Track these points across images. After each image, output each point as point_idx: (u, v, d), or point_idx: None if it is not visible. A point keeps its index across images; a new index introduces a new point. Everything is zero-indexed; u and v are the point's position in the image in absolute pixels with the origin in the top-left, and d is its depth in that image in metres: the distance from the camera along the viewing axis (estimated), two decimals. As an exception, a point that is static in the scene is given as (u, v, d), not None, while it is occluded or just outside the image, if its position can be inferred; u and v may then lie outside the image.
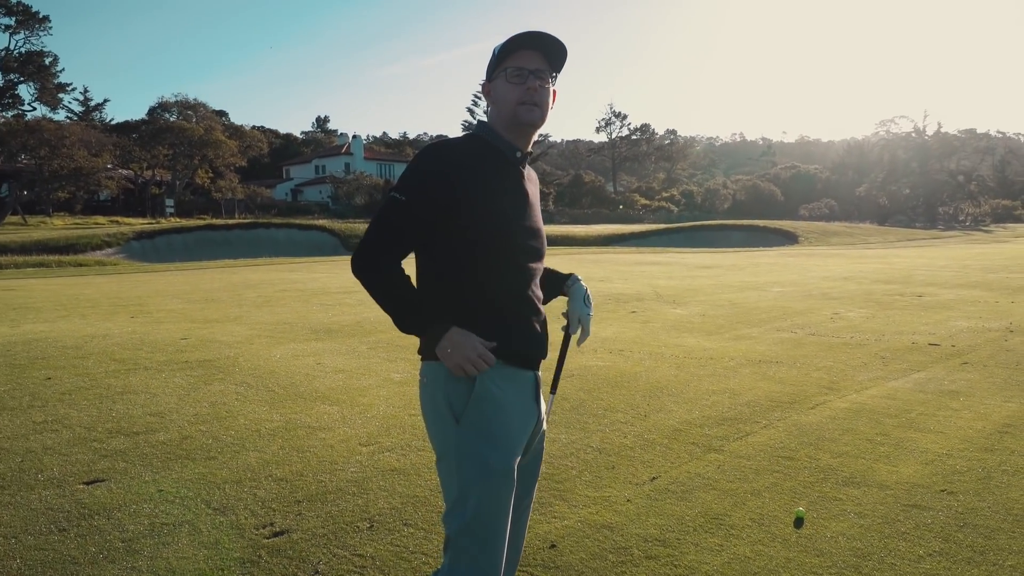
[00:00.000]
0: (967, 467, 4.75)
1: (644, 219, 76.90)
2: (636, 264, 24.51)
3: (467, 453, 2.27)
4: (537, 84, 2.35)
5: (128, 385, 6.92)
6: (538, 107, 2.37)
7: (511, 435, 2.33)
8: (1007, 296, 14.19)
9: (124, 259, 32.59)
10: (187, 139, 63.26)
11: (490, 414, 2.29)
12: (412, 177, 2.30)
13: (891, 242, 44.98)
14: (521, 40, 2.35)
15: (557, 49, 2.38)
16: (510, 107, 2.36)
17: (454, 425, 2.29)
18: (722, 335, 9.81)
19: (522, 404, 2.41)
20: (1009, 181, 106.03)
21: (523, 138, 2.43)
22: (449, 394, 2.30)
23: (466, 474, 2.27)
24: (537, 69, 2.36)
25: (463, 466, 2.28)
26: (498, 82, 2.39)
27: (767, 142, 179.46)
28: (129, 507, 4.14)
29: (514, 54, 2.36)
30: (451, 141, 2.37)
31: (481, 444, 2.27)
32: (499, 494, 2.29)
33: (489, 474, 2.27)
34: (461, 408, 2.29)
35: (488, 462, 2.27)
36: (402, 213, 2.27)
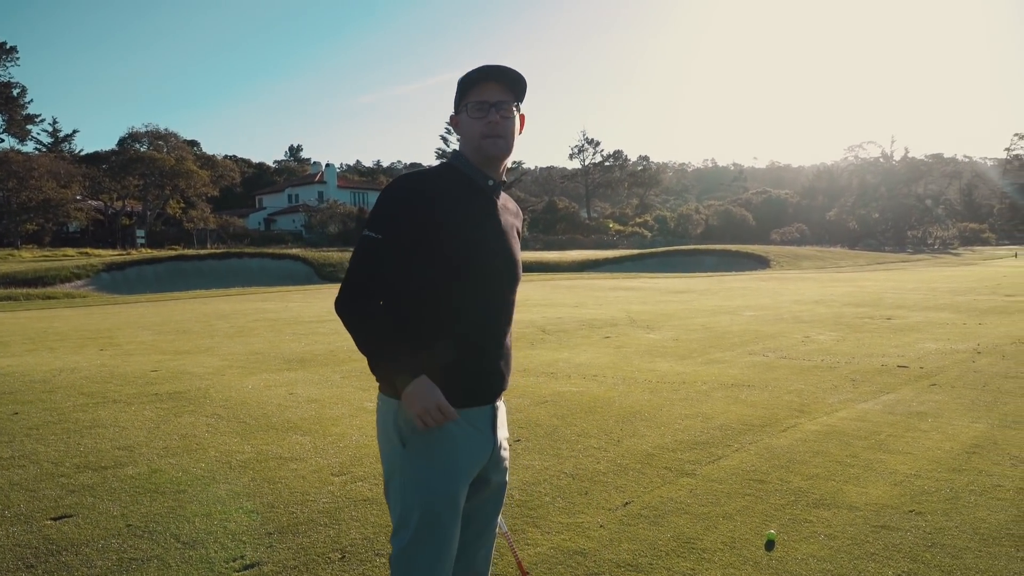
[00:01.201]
0: (935, 488, 4.80)
1: (618, 245, 77.28)
2: (610, 289, 24.60)
3: (411, 477, 2.34)
4: (498, 117, 2.39)
5: (97, 419, 6.84)
6: (502, 138, 2.41)
7: (456, 462, 2.37)
8: (975, 318, 14.40)
9: (94, 291, 32.21)
10: (158, 169, 62.99)
11: (435, 441, 2.34)
12: (384, 211, 2.33)
13: (861, 265, 45.50)
14: (480, 74, 2.40)
15: (516, 79, 2.43)
16: (475, 140, 2.41)
17: (401, 449, 2.36)
18: (695, 359, 9.87)
19: (472, 433, 2.43)
20: (976, 204, 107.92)
21: (492, 168, 2.48)
22: (399, 420, 2.36)
23: (409, 498, 2.35)
24: (499, 101, 2.40)
25: (406, 490, 2.35)
26: (463, 116, 2.43)
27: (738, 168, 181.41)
28: (97, 542, 4.08)
29: (475, 87, 2.41)
30: (424, 171, 2.42)
31: (425, 469, 2.34)
32: (440, 520, 2.34)
33: (431, 499, 2.33)
34: (408, 433, 2.34)
35: (430, 487, 2.33)
36: (379, 251, 2.31)
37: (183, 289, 29.88)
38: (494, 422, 2.50)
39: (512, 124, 2.44)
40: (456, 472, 2.37)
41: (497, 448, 2.52)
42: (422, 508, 2.33)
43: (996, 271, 35.16)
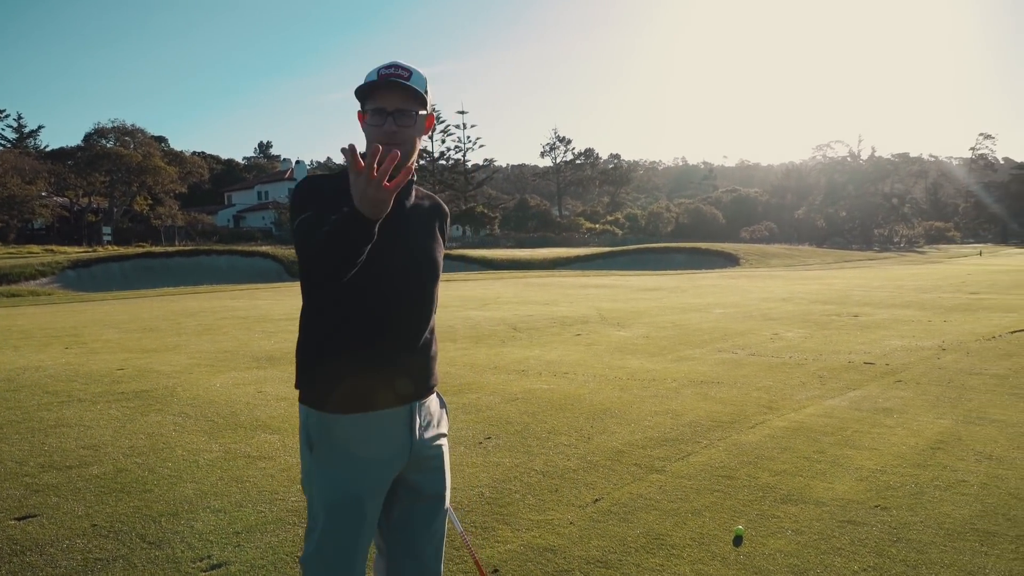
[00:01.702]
0: (900, 483, 4.86)
1: (589, 242, 77.48)
2: (581, 287, 24.67)
3: (316, 481, 2.36)
4: (395, 126, 2.32)
5: (61, 418, 6.75)
6: (398, 147, 2.26)
7: (359, 466, 2.36)
8: (939, 316, 14.60)
9: (59, 289, 31.79)
10: (125, 166, 62.20)
11: (339, 445, 2.34)
12: (302, 198, 2.31)
13: (828, 263, 45.99)
14: (381, 81, 2.33)
15: (415, 88, 2.35)
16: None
17: (309, 453, 2.37)
18: (665, 357, 9.92)
19: (380, 436, 2.39)
20: (941, 203, 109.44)
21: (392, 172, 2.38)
22: (309, 427, 2.37)
23: (315, 501, 2.37)
24: (397, 110, 2.33)
25: (313, 493, 2.37)
26: (365, 119, 2.38)
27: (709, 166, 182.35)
28: (62, 543, 4.03)
29: (374, 94, 2.34)
30: (326, 175, 2.40)
31: (329, 473, 2.35)
32: (345, 524, 2.34)
33: (333, 503, 2.33)
34: (316, 438, 2.35)
35: (334, 490, 2.34)
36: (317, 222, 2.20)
37: (150, 287, 29.57)
38: (411, 423, 2.44)
39: (410, 131, 2.36)
40: (359, 475, 2.35)
41: (416, 448, 2.46)
42: (327, 515, 2.33)
43: (961, 269, 35.68)
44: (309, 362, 2.38)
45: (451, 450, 5.62)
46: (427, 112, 2.42)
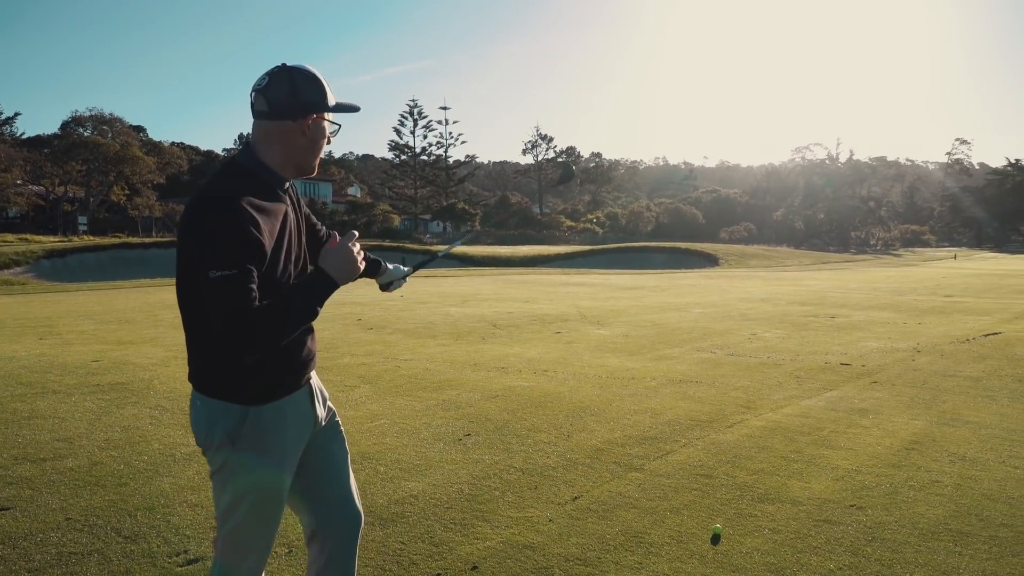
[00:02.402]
0: (876, 483, 4.90)
1: (569, 240, 77.62)
2: (561, 285, 24.70)
3: (241, 472, 2.41)
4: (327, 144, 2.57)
5: (35, 410, 6.68)
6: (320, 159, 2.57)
7: (285, 452, 2.48)
8: (915, 318, 14.74)
9: (33, 278, 31.42)
10: (102, 155, 61.54)
11: (263, 433, 2.42)
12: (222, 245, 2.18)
13: (806, 265, 46.30)
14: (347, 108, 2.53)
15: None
16: (304, 155, 2.47)
17: (230, 447, 2.39)
18: (644, 355, 9.95)
19: (299, 417, 2.54)
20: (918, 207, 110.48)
21: (294, 175, 2.53)
22: (225, 422, 2.39)
23: (238, 489, 2.42)
24: (335, 131, 2.58)
25: (237, 483, 2.42)
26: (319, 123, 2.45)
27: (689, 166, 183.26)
28: (36, 536, 3.99)
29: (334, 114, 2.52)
30: (230, 190, 2.28)
31: (255, 463, 2.41)
32: (265, 510, 2.46)
33: (258, 492, 2.44)
34: (236, 432, 2.39)
35: (259, 481, 2.43)
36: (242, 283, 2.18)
37: (127, 278, 29.29)
38: (312, 398, 2.62)
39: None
40: (286, 464, 2.48)
41: (319, 420, 2.65)
42: (249, 502, 2.42)
43: (936, 272, 36.04)
44: (224, 362, 2.37)
45: (431, 446, 5.65)
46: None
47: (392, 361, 9.27)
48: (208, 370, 2.41)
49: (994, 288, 23.65)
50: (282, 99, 2.38)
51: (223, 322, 2.17)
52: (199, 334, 2.40)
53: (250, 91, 2.43)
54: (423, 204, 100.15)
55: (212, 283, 2.16)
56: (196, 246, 2.21)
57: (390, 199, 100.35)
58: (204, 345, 2.40)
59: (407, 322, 13.48)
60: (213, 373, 2.40)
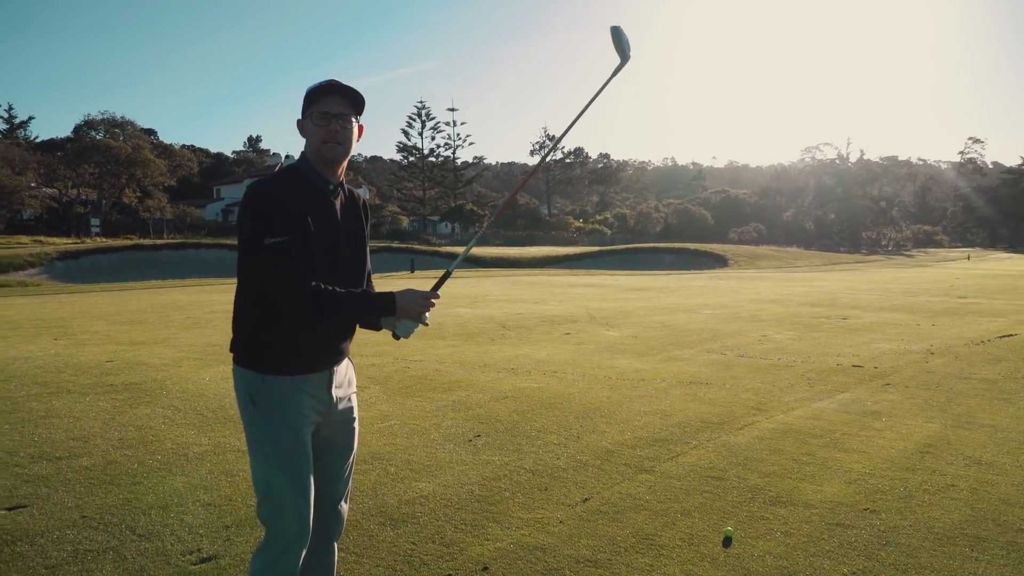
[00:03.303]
0: (889, 486, 4.88)
1: (578, 242, 77.49)
2: (570, 286, 24.68)
3: (264, 431, 2.71)
4: (338, 126, 2.71)
5: (51, 409, 6.72)
6: (340, 145, 2.73)
7: (300, 418, 2.73)
8: (928, 319, 14.67)
9: (47, 280, 31.58)
10: (114, 158, 61.82)
11: (278, 400, 2.70)
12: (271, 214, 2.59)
13: (817, 266, 46.15)
14: (327, 87, 2.72)
15: (356, 95, 2.76)
16: (316, 145, 2.72)
17: (252, 408, 2.72)
18: (654, 357, 9.94)
19: (311, 394, 2.76)
20: (930, 207, 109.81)
21: (331, 171, 2.78)
22: (250, 386, 2.72)
23: (264, 450, 2.71)
24: (340, 113, 2.72)
25: (262, 443, 2.71)
26: (308, 123, 2.74)
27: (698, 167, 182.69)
28: (52, 533, 4.02)
29: (321, 99, 2.71)
30: (272, 180, 2.71)
31: (274, 421, 2.70)
32: (290, 466, 2.70)
33: (280, 448, 2.69)
34: (258, 396, 2.71)
35: (280, 438, 2.69)
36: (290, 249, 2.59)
37: (139, 279, 29.41)
38: (330, 384, 2.83)
39: (350, 133, 2.76)
40: (300, 423, 2.72)
41: (334, 403, 2.86)
42: (275, 461, 2.69)
43: (949, 273, 35.85)
44: (252, 333, 2.73)
45: (441, 447, 5.65)
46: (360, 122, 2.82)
47: (402, 362, 9.28)
48: (238, 340, 2.78)
49: (1009, 289, 23.52)
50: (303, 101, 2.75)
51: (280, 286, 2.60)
52: (238, 306, 2.77)
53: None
54: (431, 205, 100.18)
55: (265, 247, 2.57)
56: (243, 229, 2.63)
57: (398, 200, 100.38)
58: (239, 317, 2.78)
59: (417, 323, 13.48)
60: (240, 343, 2.77)
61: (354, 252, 2.87)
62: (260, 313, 2.71)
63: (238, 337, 2.78)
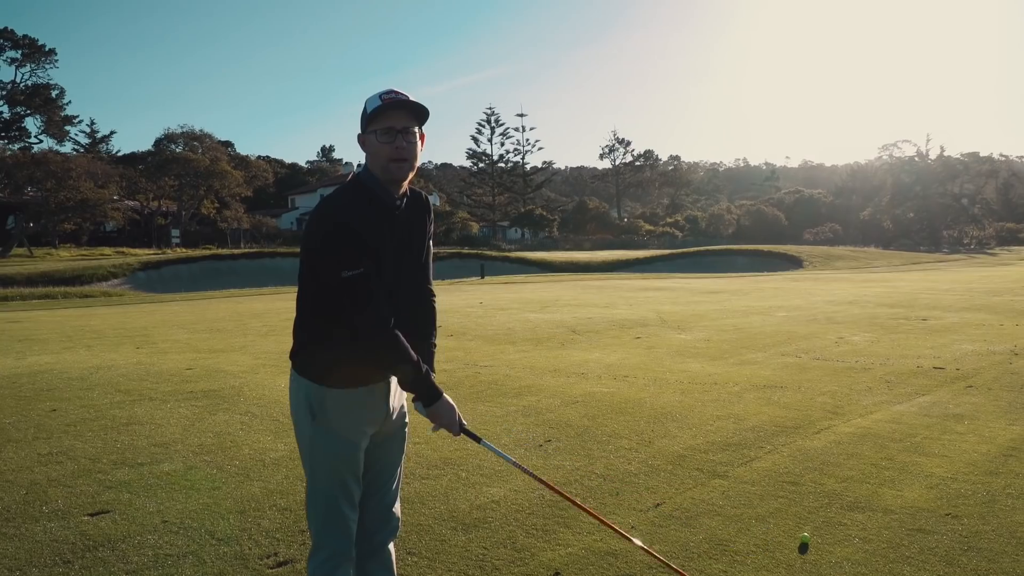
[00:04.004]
0: (971, 491, 4.74)
1: (648, 245, 76.96)
2: (640, 290, 24.51)
3: (320, 443, 2.76)
4: (404, 142, 2.68)
5: (133, 416, 6.94)
6: (407, 162, 2.71)
7: (356, 431, 2.78)
8: (1012, 319, 14.16)
9: (130, 290, 32.62)
10: (193, 170, 63.61)
11: (336, 412, 2.74)
12: (347, 246, 2.59)
13: (896, 266, 44.94)
14: (388, 104, 2.67)
15: (419, 108, 2.71)
16: (382, 163, 2.70)
17: (311, 420, 2.76)
18: (726, 360, 9.81)
19: (371, 404, 2.82)
20: (1013, 204, 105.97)
21: (397, 186, 2.76)
22: (310, 397, 2.76)
23: (316, 457, 2.77)
24: (404, 128, 2.69)
25: (315, 454, 2.77)
26: (371, 138, 2.70)
27: (770, 167, 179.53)
28: (133, 538, 4.14)
29: (383, 114, 2.67)
30: (345, 198, 2.70)
31: (331, 434, 2.75)
32: (342, 477, 2.77)
33: (334, 460, 2.76)
34: (318, 408, 2.74)
35: (334, 450, 2.75)
36: (367, 283, 2.60)
37: (217, 288, 30.20)
38: (388, 394, 2.87)
39: (415, 147, 2.73)
40: (357, 438, 2.79)
41: (391, 412, 2.91)
42: (332, 464, 2.76)
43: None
44: (314, 344, 2.77)
45: (511, 453, 5.65)
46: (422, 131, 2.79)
47: (472, 367, 9.34)
48: (300, 350, 2.81)
49: (1098, 287, 22.56)
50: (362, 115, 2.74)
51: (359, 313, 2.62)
52: (301, 316, 2.82)
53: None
54: (501, 211, 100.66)
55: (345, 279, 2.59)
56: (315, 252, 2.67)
57: (468, 207, 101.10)
58: (301, 327, 2.82)
59: (486, 328, 13.57)
60: (301, 353, 2.80)
61: (415, 263, 2.91)
62: (323, 325, 2.74)
63: (299, 346, 2.82)
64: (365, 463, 2.87)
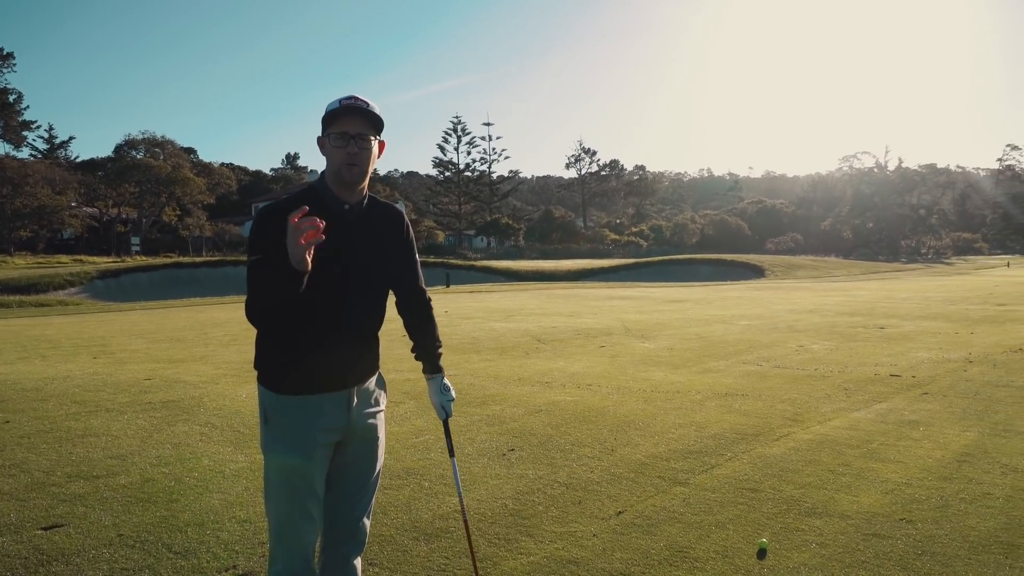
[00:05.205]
0: (926, 496, 4.82)
1: (613, 254, 77.31)
2: (605, 299, 24.62)
3: (270, 447, 2.76)
4: (357, 148, 2.71)
5: (89, 428, 6.83)
6: (357, 167, 2.73)
7: (310, 439, 2.73)
8: (967, 327, 14.44)
9: (87, 298, 32.17)
10: (154, 177, 62.88)
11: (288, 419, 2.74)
12: (254, 236, 2.70)
13: (855, 275, 45.60)
14: (343, 109, 2.71)
15: (374, 116, 2.74)
16: (335, 166, 2.74)
17: (265, 425, 2.78)
18: (689, 369, 9.88)
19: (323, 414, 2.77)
20: (969, 215, 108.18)
21: (348, 192, 2.78)
22: (266, 404, 2.79)
23: (269, 464, 2.76)
24: (359, 133, 2.72)
25: (269, 457, 2.76)
26: (327, 141, 2.74)
27: (734, 177, 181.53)
28: (88, 552, 4.08)
29: (339, 119, 2.71)
30: (287, 199, 2.71)
31: (280, 439, 2.73)
32: (292, 487, 2.73)
33: (285, 468, 2.72)
34: (271, 412, 2.77)
35: (283, 453, 2.72)
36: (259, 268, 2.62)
37: (178, 297, 29.84)
38: (349, 404, 2.82)
39: (368, 154, 2.75)
40: (307, 446, 2.72)
41: (353, 423, 2.84)
42: (278, 469, 2.73)
43: (988, 281, 35.27)
44: (267, 352, 2.80)
45: (475, 462, 5.66)
46: (381, 139, 2.82)
47: (437, 377, 9.30)
48: (256, 358, 2.85)
49: (1051, 296, 23.06)
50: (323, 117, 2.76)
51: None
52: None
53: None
54: (467, 219, 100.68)
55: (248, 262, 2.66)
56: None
57: (435, 215, 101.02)
58: (258, 335, 2.84)
59: (451, 337, 13.54)
60: (259, 363, 2.84)
61: (365, 268, 2.82)
62: (275, 331, 2.77)
63: (256, 355, 2.86)
64: (332, 474, 2.84)
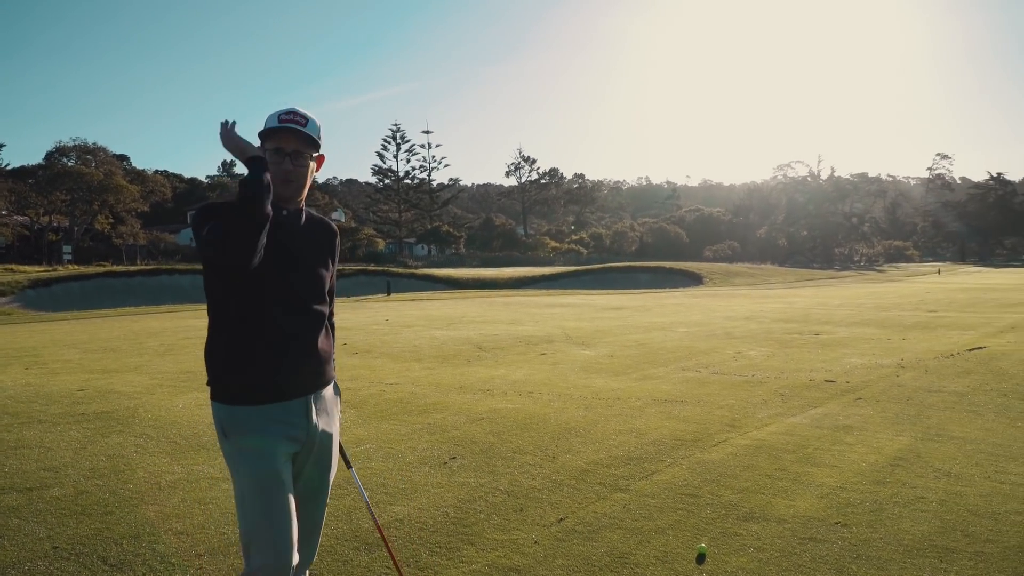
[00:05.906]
0: (861, 500, 4.93)
1: (554, 261, 77.77)
2: (546, 306, 24.73)
3: (238, 460, 2.72)
4: (292, 166, 2.76)
5: (21, 439, 6.65)
6: (293, 183, 2.78)
7: (272, 446, 2.72)
8: (899, 333, 14.82)
9: (19, 308, 31.20)
10: (86, 184, 61.42)
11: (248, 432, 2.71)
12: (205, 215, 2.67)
13: (791, 282, 46.52)
14: (280, 126, 2.74)
15: (310, 137, 2.77)
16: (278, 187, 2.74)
17: (225, 440, 2.75)
18: (629, 375, 9.98)
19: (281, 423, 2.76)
20: (900, 223, 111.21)
21: (284, 203, 2.80)
22: (222, 419, 2.75)
23: (240, 477, 2.72)
24: (295, 151, 2.76)
25: (235, 469, 2.74)
26: (265, 155, 2.71)
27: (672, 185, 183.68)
28: (23, 565, 3.97)
29: (275, 136, 2.75)
30: (219, 202, 2.72)
31: (246, 452, 2.71)
32: (264, 494, 2.68)
33: (254, 477, 2.68)
34: (229, 426, 2.73)
35: (253, 467, 2.69)
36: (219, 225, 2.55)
37: (111, 306, 29.16)
38: (308, 411, 2.83)
39: (304, 171, 2.80)
40: (271, 453, 2.71)
41: (313, 431, 2.85)
42: (249, 479, 2.69)
43: (919, 287, 36.25)
44: (219, 367, 2.76)
45: (416, 470, 5.64)
46: (319, 153, 2.86)
47: (377, 385, 9.27)
48: (208, 373, 2.80)
49: (978, 302, 23.82)
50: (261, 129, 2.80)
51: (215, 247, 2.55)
52: (208, 337, 2.80)
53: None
54: (407, 227, 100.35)
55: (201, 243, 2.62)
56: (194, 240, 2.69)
57: (374, 223, 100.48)
58: (207, 349, 2.80)
59: (392, 346, 13.48)
60: (210, 376, 2.79)
61: (307, 281, 2.85)
62: (226, 341, 2.74)
63: (208, 369, 2.81)
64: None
